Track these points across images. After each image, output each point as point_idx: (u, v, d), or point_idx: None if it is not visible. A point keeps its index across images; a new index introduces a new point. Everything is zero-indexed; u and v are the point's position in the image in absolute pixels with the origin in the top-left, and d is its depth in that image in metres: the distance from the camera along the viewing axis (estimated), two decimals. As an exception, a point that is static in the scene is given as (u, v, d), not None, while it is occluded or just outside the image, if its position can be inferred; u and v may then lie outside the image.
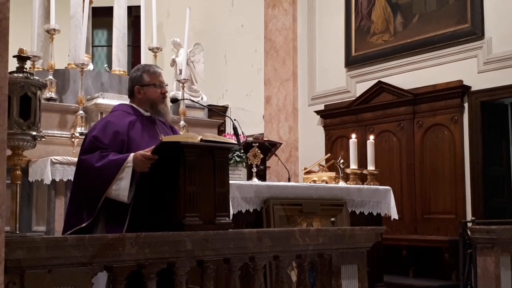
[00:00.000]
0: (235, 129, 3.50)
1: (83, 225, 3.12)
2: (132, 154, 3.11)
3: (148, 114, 3.42)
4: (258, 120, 9.72)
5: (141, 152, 3.11)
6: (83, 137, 5.72)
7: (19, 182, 2.60)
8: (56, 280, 2.24)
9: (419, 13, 7.66)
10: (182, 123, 6.23)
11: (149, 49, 6.65)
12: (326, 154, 7.73)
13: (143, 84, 3.42)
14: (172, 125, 3.70)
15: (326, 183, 5.65)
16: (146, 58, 6.57)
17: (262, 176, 5.19)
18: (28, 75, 2.55)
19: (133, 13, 9.59)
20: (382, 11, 8.12)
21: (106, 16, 8.30)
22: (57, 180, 5.15)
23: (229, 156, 4.12)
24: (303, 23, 9.34)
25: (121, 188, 3.07)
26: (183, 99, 6.09)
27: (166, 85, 3.54)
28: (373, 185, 5.67)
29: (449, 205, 7.09)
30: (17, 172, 2.59)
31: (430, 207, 7.28)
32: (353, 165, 5.77)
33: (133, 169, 3.08)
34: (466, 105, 7.11)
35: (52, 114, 5.87)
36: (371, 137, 6.09)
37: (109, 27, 8.35)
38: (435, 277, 6.86)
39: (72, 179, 5.16)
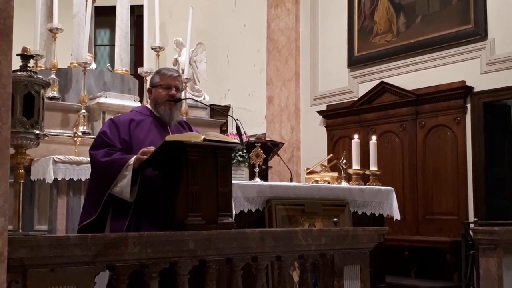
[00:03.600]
0: (238, 128, 3.49)
1: (90, 220, 3.18)
2: (134, 156, 3.16)
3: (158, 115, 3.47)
4: (260, 120, 9.71)
5: (141, 152, 3.16)
6: (86, 136, 5.79)
7: (22, 181, 2.60)
8: (59, 279, 2.24)
9: (422, 13, 7.65)
10: (184, 122, 6.23)
11: (152, 49, 6.65)
12: (328, 154, 7.73)
13: (153, 85, 3.48)
14: (189, 124, 3.71)
15: (329, 183, 5.64)
16: (148, 57, 6.58)
17: (264, 176, 5.18)
18: (32, 73, 2.56)
19: (136, 13, 9.60)
20: (385, 11, 8.11)
21: (109, 15, 8.30)
22: (59, 179, 5.15)
23: (232, 155, 4.11)
24: (306, 23, 9.34)
25: (124, 185, 3.11)
26: (185, 98, 6.09)
27: (180, 90, 3.54)
28: (375, 185, 5.67)
29: (451, 206, 7.07)
30: (20, 170, 2.60)
31: (432, 208, 7.27)
32: (356, 166, 5.76)
33: (136, 170, 3.12)
34: (468, 106, 7.09)
35: (55, 113, 5.86)
36: (374, 137, 6.08)
37: (111, 26, 8.34)
38: (437, 278, 6.85)
39: (74, 178, 5.23)
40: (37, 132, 2.54)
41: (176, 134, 3.33)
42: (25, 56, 2.56)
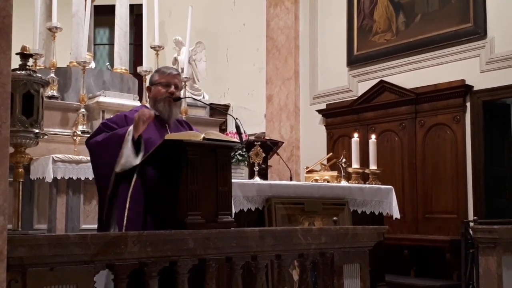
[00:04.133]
0: (237, 127, 3.49)
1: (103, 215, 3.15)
2: (131, 125, 3.17)
3: (157, 113, 3.47)
4: (260, 119, 9.71)
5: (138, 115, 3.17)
6: (85, 135, 5.78)
7: (21, 180, 2.60)
8: (58, 278, 2.24)
9: (422, 12, 7.65)
10: (183, 121, 6.23)
11: (151, 48, 6.65)
12: (327, 153, 7.72)
13: (152, 83, 3.49)
14: (188, 123, 3.72)
15: (328, 182, 5.64)
16: (148, 56, 6.57)
17: (264, 175, 5.18)
18: (31, 72, 2.55)
19: (135, 12, 9.58)
20: (384, 10, 8.11)
21: (108, 14, 8.29)
22: (59, 178, 5.15)
23: (231, 154, 4.11)
24: (305, 22, 9.33)
25: (128, 153, 3.09)
26: (185, 97, 6.09)
27: (180, 88, 3.55)
28: (375, 184, 5.66)
29: (450, 205, 7.07)
30: (20, 169, 2.59)
31: (431, 206, 7.26)
32: (355, 165, 5.76)
33: (138, 138, 3.12)
34: (468, 104, 7.09)
35: (54, 112, 5.87)
36: (373, 136, 6.08)
37: (111, 25, 8.33)
38: (437, 277, 6.85)
39: (73, 177, 5.22)
40: (37, 131, 2.54)
41: (176, 133, 3.33)
42: (24, 55, 2.56)
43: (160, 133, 3.33)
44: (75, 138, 5.73)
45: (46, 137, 2.74)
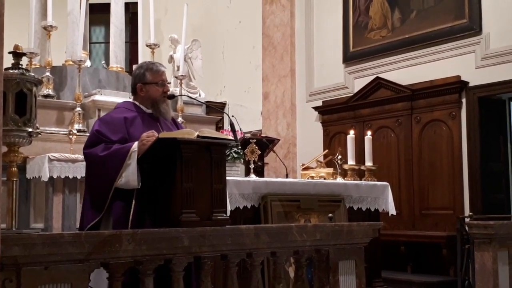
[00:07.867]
0: (232, 125, 3.50)
1: (98, 219, 3.12)
2: (136, 142, 3.14)
3: (150, 111, 3.46)
4: (256, 116, 9.71)
5: (145, 136, 3.14)
6: (81, 134, 5.78)
7: (15, 179, 2.60)
8: (53, 277, 2.24)
9: (417, 8, 7.65)
10: (180, 119, 6.23)
11: (147, 46, 6.65)
12: (324, 150, 7.73)
13: (145, 82, 3.48)
14: (176, 121, 3.74)
15: (324, 179, 5.65)
16: (143, 54, 6.57)
17: (260, 173, 5.19)
18: (24, 71, 2.55)
19: (131, 10, 9.58)
20: (380, 6, 8.11)
21: (104, 12, 8.28)
22: (55, 177, 5.15)
23: (227, 152, 4.12)
24: (301, 19, 9.33)
25: (130, 173, 3.07)
26: (181, 95, 6.08)
27: (168, 83, 3.57)
28: (371, 181, 5.68)
29: (447, 201, 7.08)
30: (13, 168, 2.59)
31: (428, 202, 7.28)
32: (351, 161, 5.77)
33: (138, 158, 3.09)
34: (464, 100, 7.10)
35: (50, 111, 5.87)
36: (369, 133, 6.09)
37: (106, 23, 8.32)
38: (433, 273, 6.87)
39: (69, 176, 5.22)
40: (30, 130, 2.53)
41: (170, 132, 3.34)
42: (17, 54, 2.56)
43: (149, 130, 3.32)
44: (71, 136, 5.73)
45: (40, 136, 2.74)
